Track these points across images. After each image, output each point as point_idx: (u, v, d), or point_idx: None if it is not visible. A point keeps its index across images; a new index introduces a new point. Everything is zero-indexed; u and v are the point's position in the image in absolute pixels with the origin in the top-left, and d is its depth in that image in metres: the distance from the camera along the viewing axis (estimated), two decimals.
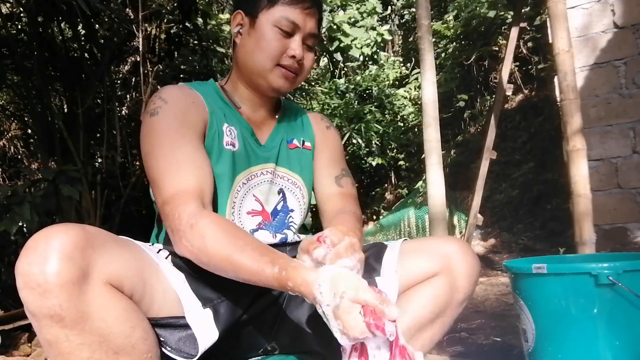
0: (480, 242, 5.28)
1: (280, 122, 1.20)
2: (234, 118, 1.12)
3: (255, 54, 1.07)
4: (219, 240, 0.87)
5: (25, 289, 0.72)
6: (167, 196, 0.94)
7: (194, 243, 0.89)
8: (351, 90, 7.72)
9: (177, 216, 0.91)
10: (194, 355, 0.87)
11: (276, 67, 1.07)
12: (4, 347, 2.27)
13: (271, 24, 1.05)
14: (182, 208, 0.91)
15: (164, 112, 1.01)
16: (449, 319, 1.09)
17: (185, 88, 1.10)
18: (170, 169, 0.96)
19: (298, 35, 1.07)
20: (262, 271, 0.83)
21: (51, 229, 0.75)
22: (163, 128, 0.99)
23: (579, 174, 1.91)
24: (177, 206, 0.92)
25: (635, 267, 1.20)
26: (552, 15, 2.01)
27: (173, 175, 0.95)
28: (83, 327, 0.74)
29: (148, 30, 3.85)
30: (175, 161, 0.96)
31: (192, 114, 1.04)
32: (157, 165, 0.97)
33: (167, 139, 0.98)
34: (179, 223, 0.90)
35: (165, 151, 0.97)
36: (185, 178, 0.95)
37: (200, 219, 0.90)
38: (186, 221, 0.90)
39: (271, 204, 1.12)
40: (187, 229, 0.89)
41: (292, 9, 1.06)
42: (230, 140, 1.08)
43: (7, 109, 4.95)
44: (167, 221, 0.94)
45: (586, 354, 1.24)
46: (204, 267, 0.91)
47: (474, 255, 1.09)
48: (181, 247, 0.91)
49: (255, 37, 1.07)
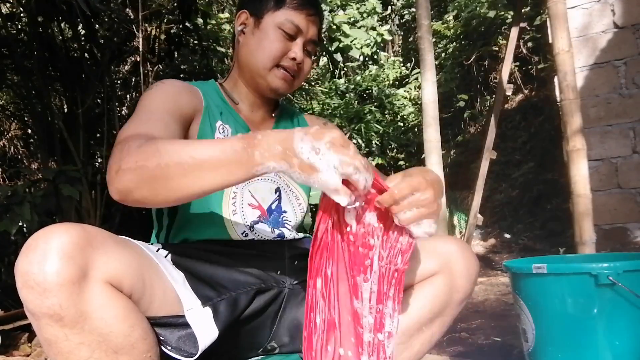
0: (480, 242, 5.28)
1: (278, 124, 1.23)
2: (230, 116, 1.14)
3: (257, 53, 1.10)
4: (172, 142, 0.79)
5: (25, 288, 0.72)
6: (122, 138, 0.86)
7: (141, 155, 0.77)
8: (351, 91, 7.72)
9: (127, 146, 0.80)
10: (194, 354, 0.87)
11: (276, 68, 1.10)
12: (4, 347, 2.27)
13: (275, 26, 1.09)
14: (134, 141, 0.81)
15: (157, 88, 1.04)
16: (449, 319, 1.10)
17: (185, 82, 1.13)
18: (142, 120, 0.93)
19: (300, 39, 1.11)
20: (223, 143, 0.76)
21: (51, 228, 0.75)
22: (151, 98, 1.01)
23: (579, 174, 1.91)
24: (128, 141, 0.82)
25: (635, 267, 1.20)
26: (552, 15, 2.01)
27: (141, 124, 0.91)
28: (82, 327, 0.74)
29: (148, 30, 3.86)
30: (149, 118, 0.94)
31: (184, 96, 1.06)
32: (130, 120, 0.94)
33: (150, 104, 0.99)
34: (126, 151, 0.79)
35: (143, 112, 0.97)
36: (152, 129, 0.90)
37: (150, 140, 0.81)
38: (137, 145, 0.79)
39: (267, 202, 1.13)
40: (135, 150, 0.79)
41: (297, 14, 1.10)
42: (222, 137, 1.10)
43: (7, 109, 4.95)
44: (112, 157, 0.82)
45: (586, 354, 1.24)
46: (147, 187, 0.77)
47: (473, 255, 1.09)
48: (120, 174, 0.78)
49: (259, 37, 1.10)
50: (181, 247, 1.02)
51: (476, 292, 3.03)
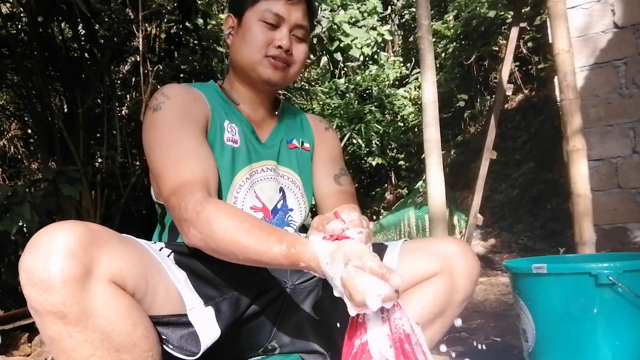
0: (480, 242, 5.28)
1: (281, 122, 1.22)
2: (234, 116, 1.14)
3: (242, 49, 1.10)
4: (226, 224, 0.87)
5: (29, 285, 0.72)
6: (173, 187, 0.94)
7: (201, 230, 0.89)
8: (351, 90, 7.72)
9: (184, 205, 0.92)
10: (196, 353, 0.87)
11: (264, 58, 1.10)
12: (4, 347, 2.27)
13: (256, 19, 1.09)
14: (188, 197, 0.92)
15: (166, 107, 1.03)
16: (449, 319, 1.10)
17: (186, 86, 1.12)
18: (175, 161, 0.96)
19: (284, 26, 1.10)
20: (270, 250, 0.83)
21: (55, 225, 0.75)
22: (166, 122, 1.01)
23: (579, 174, 1.91)
24: (183, 196, 0.92)
25: (635, 267, 1.20)
26: (552, 15, 2.01)
27: (178, 167, 0.96)
28: (85, 324, 0.74)
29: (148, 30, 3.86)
30: (179, 153, 0.97)
31: (194, 109, 1.06)
32: (161, 159, 0.98)
33: (170, 132, 1.00)
34: (185, 212, 0.91)
35: (168, 144, 0.98)
36: (190, 169, 0.96)
37: (206, 206, 0.90)
38: (192, 209, 0.91)
39: (272, 202, 1.13)
40: (193, 217, 0.90)
41: (275, 2, 1.09)
42: (232, 137, 1.10)
43: (7, 109, 4.95)
44: (174, 212, 0.94)
45: (586, 354, 1.24)
46: (212, 254, 0.91)
47: (473, 255, 1.09)
48: (189, 235, 0.92)
49: (242, 34, 1.11)
50: (184, 247, 1.02)
51: (476, 292, 3.03)
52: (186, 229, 0.92)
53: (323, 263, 0.77)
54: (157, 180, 0.99)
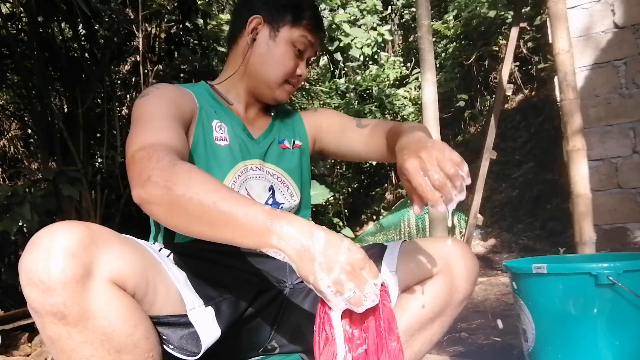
0: (480, 242, 5.28)
1: (274, 122, 1.23)
2: (224, 114, 1.14)
3: (269, 65, 1.13)
4: (203, 179, 0.80)
5: (29, 285, 0.72)
6: (145, 143, 0.88)
7: (170, 178, 0.80)
8: (351, 90, 7.72)
9: (156, 157, 0.84)
10: (197, 353, 0.87)
11: (285, 84, 1.15)
12: (4, 347, 2.27)
13: (291, 42, 1.12)
14: (164, 152, 0.85)
15: (152, 94, 1.04)
16: (449, 319, 1.10)
17: (178, 85, 1.14)
18: (150, 128, 0.94)
19: (306, 55, 1.16)
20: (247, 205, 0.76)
21: (56, 226, 0.75)
22: (149, 104, 1.01)
23: (579, 174, 1.91)
24: (156, 150, 0.85)
25: (635, 267, 1.20)
26: (552, 15, 2.01)
27: (153, 132, 0.92)
28: (86, 325, 0.74)
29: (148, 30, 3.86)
30: (154, 125, 0.95)
31: (180, 100, 1.06)
32: (135, 129, 0.95)
33: (150, 112, 0.99)
34: (156, 163, 0.82)
35: (147, 119, 0.97)
36: (165, 135, 0.92)
37: (185, 163, 0.84)
38: (169, 160, 0.83)
39: (262, 199, 1.13)
40: (168, 166, 0.82)
41: (310, 33, 1.14)
42: (221, 136, 1.11)
43: (7, 109, 4.95)
44: (140, 164, 0.84)
45: (586, 354, 1.24)
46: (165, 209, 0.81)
47: (472, 255, 1.09)
48: (148, 184, 0.81)
49: (274, 50, 1.13)
50: (183, 247, 1.02)
51: (476, 292, 3.03)
52: (146, 176, 0.82)
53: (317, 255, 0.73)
54: (126, 146, 0.92)
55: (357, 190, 8.34)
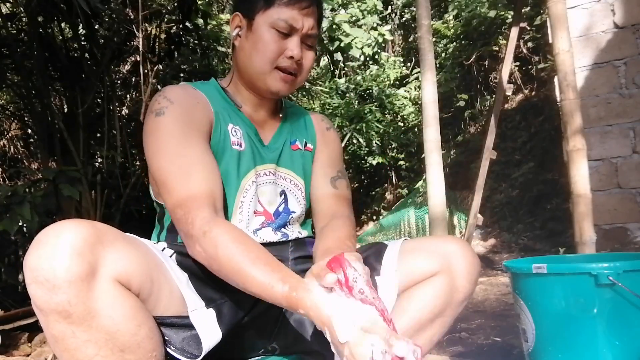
0: (480, 242, 5.28)
1: (284, 123, 1.20)
2: (238, 118, 1.12)
3: (253, 57, 1.06)
4: (231, 251, 0.87)
5: (34, 283, 0.72)
6: (180, 200, 0.94)
7: (206, 250, 0.90)
8: (351, 90, 7.71)
9: (190, 221, 0.91)
10: (198, 356, 0.87)
11: (275, 70, 1.06)
12: (4, 347, 2.27)
13: (268, 26, 1.04)
14: (194, 213, 0.92)
15: (169, 112, 1.00)
16: (449, 319, 1.09)
17: (189, 88, 1.09)
18: (181, 171, 0.95)
19: (296, 35, 1.05)
20: (271, 288, 0.83)
21: (61, 224, 0.75)
22: (169, 128, 0.99)
23: (579, 174, 1.91)
24: (190, 211, 0.92)
25: (635, 267, 1.20)
26: (552, 15, 2.01)
27: (184, 178, 0.95)
28: (90, 324, 0.74)
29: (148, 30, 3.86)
30: (185, 164, 0.96)
31: (197, 114, 1.03)
32: (166, 167, 0.96)
33: (174, 139, 0.98)
34: (191, 228, 0.91)
35: (173, 152, 0.97)
36: (197, 182, 0.95)
37: (213, 227, 0.90)
38: (199, 227, 0.90)
39: (274, 205, 1.12)
40: (200, 236, 0.90)
41: (288, 10, 1.03)
42: (237, 141, 1.08)
43: (7, 109, 4.95)
44: (179, 225, 0.95)
45: (586, 354, 1.24)
46: (214, 273, 0.92)
47: (474, 254, 1.08)
48: (194, 251, 0.93)
49: (253, 40, 1.06)
50: (185, 248, 1.02)
51: (476, 292, 3.03)
52: (192, 244, 0.92)
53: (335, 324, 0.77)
54: (162, 189, 0.98)
55: (357, 190, 8.33)
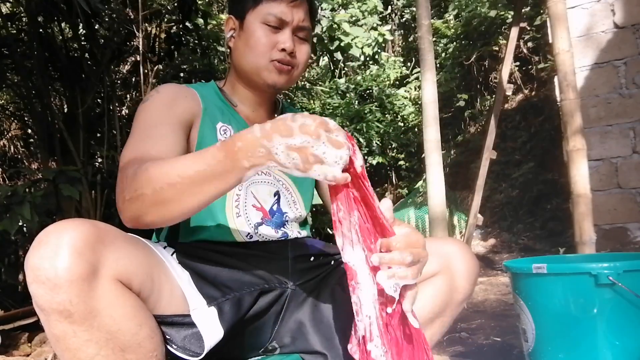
0: (480, 242, 5.28)
1: None
2: (231, 117, 1.13)
3: (246, 54, 1.09)
4: (161, 165, 0.82)
5: (35, 283, 0.72)
6: (124, 162, 0.90)
7: (138, 184, 0.82)
8: (351, 90, 7.71)
9: (127, 174, 0.85)
10: (200, 354, 0.87)
11: (269, 63, 1.08)
12: (4, 347, 2.27)
13: (259, 22, 1.07)
14: (134, 167, 0.86)
15: (153, 99, 1.04)
16: (449, 319, 1.10)
17: (182, 85, 1.12)
18: (139, 140, 0.96)
19: (287, 28, 1.08)
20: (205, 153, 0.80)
21: (62, 223, 0.75)
22: (147, 112, 1.02)
23: (579, 174, 1.91)
24: (132, 166, 0.87)
25: (635, 267, 1.20)
26: (552, 15, 2.01)
27: (138, 145, 0.94)
28: (91, 324, 0.74)
29: (148, 30, 3.86)
30: (147, 135, 0.96)
31: (180, 103, 1.06)
32: (129, 140, 0.97)
33: (147, 118, 1.00)
34: (126, 179, 0.84)
35: (140, 129, 0.98)
36: (147, 147, 0.93)
37: (142, 164, 0.85)
38: (133, 171, 0.84)
39: (268, 204, 1.13)
40: (130, 177, 0.83)
41: (277, 4, 1.06)
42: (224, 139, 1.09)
43: (7, 109, 4.95)
44: (118, 186, 0.86)
45: (586, 354, 1.24)
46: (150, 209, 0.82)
47: (473, 255, 1.09)
48: (125, 202, 0.83)
49: (245, 38, 1.09)
50: (186, 246, 1.02)
51: (476, 292, 3.03)
52: (122, 197, 0.84)
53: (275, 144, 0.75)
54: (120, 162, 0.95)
55: None
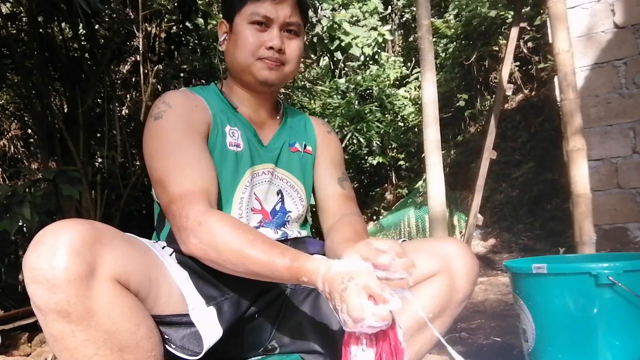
0: (480, 242, 5.28)
1: (284, 125, 1.22)
2: (236, 119, 1.14)
3: (236, 54, 1.10)
4: (229, 235, 0.88)
5: (33, 283, 0.72)
6: (174, 195, 0.95)
7: (203, 240, 0.90)
8: (352, 90, 7.71)
9: (185, 214, 0.92)
10: (199, 353, 0.87)
11: (258, 61, 1.09)
12: (4, 347, 2.27)
13: (246, 22, 1.09)
14: (189, 207, 0.92)
15: (168, 116, 1.03)
16: (449, 319, 1.10)
17: (187, 93, 1.12)
18: (176, 169, 0.97)
19: (274, 26, 1.09)
20: (272, 262, 0.85)
21: (60, 224, 0.75)
22: (167, 130, 1.01)
23: (579, 174, 1.91)
24: (184, 205, 0.93)
25: (635, 267, 1.20)
26: (552, 15, 2.01)
27: (179, 175, 0.96)
28: (89, 323, 0.74)
29: (148, 30, 3.86)
30: (181, 162, 0.98)
31: (195, 117, 1.06)
32: (162, 166, 0.98)
33: (171, 140, 1.00)
34: (186, 221, 0.92)
35: (170, 152, 0.99)
36: (191, 178, 0.96)
37: (208, 217, 0.91)
38: (194, 219, 0.91)
39: (270, 204, 1.13)
40: (195, 227, 0.90)
41: (260, 4, 1.08)
42: (234, 142, 1.10)
43: (7, 109, 4.95)
44: (174, 220, 0.95)
45: (586, 354, 1.24)
46: (211, 264, 0.92)
47: (472, 255, 1.09)
48: (189, 244, 0.92)
49: (234, 39, 1.11)
50: None
51: (476, 292, 3.03)
52: (185, 237, 0.92)
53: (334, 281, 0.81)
54: (157, 187, 1.00)
55: (357, 190, 8.32)
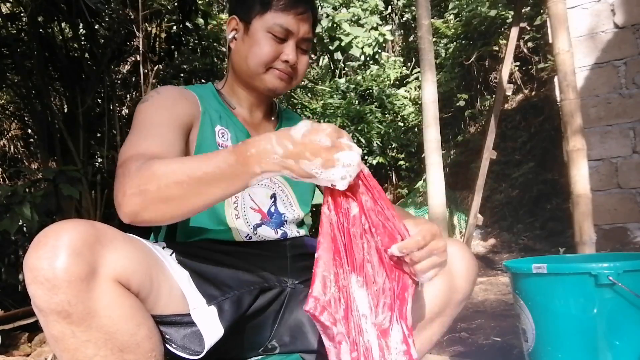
0: (480, 242, 5.28)
1: (279, 127, 1.22)
2: (229, 120, 1.14)
3: (249, 60, 1.09)
4: (167, 163, 0.82)
5: (34, 283, 0.72)
6: (125, 158, 0.89)
7: (140, 179, 0.80)
8: (352, 90, 7.71)
9: (127, 171, 0.84)
10: (200, 352, 0.87)
11: (269, 70, 1.09)
12: (4, 347, 2.27)
13: (264, 30, 1.07)
14: (135, 163, 0.84)
15: (153, 100, 1.04)
16: (448, 319, 1.10)
17: (182, 88, 1.12)
18: (138, 138, 0.95)
19: (292, 40, 1.08)
20: (215, 157, 0.80)
21: (61, 224, 0.75)
22: (148, 111, 1.02)
23: (579, 174, 1.91)
24: (132, 162, 0.85)
25: (635, 267, 1.20)
26: (552, 15, 2.02)
27: (139, 142, 0.94)
28: (90, 324, 0.74)
29: (148, 30, 3.86)
30: (146, 134, 0.96)
31: (180, 105, 1.06)
32: (129, 138, 0.97)
33: (147, 118, 1.00)
34: (128, 175, 0.83)
35: (141, 128, 0.98)
36: (147, 144, 0.93)
37: (149, 161, 0.84)
38: (136, 168, 0.83)
39: (265, 206, 1.13)
40: (133, 173, 0.82)
41: (285, 15, 1.06)
42: (223, 143, 1.10)
43: (7, 109, 4.95)
44: (117, 182, 0.84)
45: (586, 354, 1.24)
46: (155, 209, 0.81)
47: (472, 256, 1.10)
48: (125, 197, 0.81)
49: (249, 43, 1.09)
50: (185, 246, 1.03)
51: (476, 292, 3.03)
52: (122, 191, 0.82)
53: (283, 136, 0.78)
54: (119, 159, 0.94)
55: None
